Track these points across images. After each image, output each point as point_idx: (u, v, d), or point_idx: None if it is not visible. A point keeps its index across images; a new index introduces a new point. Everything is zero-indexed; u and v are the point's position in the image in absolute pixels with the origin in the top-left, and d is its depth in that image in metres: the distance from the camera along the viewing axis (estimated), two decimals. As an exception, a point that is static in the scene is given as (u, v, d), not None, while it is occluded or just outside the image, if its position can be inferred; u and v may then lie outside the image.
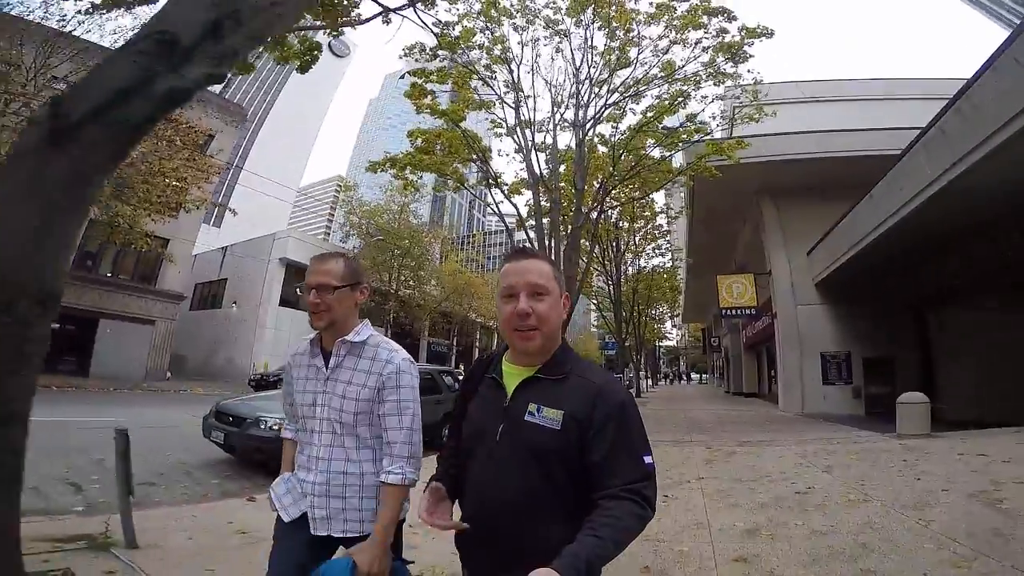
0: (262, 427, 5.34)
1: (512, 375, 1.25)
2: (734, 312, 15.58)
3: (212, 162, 16.78)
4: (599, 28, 11.33)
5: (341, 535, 1.51)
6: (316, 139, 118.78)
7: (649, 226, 22.33)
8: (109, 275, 20.39)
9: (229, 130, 24.17)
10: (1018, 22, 8.03)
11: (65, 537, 3.13)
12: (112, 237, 15.89)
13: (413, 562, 1.56)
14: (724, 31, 10.18)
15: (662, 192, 18.52)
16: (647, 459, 1.12)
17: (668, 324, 49.55)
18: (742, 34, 10.16)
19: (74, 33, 12.63)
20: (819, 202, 14.21)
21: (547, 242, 11.58)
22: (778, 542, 3.38)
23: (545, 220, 12.03)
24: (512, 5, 11.35)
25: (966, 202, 8.59)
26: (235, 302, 27.42)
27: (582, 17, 11.34)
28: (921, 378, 13.56)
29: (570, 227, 11.91)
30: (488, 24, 11.08)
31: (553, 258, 7.96)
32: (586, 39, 11.73)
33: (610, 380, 1.23)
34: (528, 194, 13.16)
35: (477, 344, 44.44)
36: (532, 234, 12.97)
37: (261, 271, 26.74)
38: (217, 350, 26.68)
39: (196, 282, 28.07)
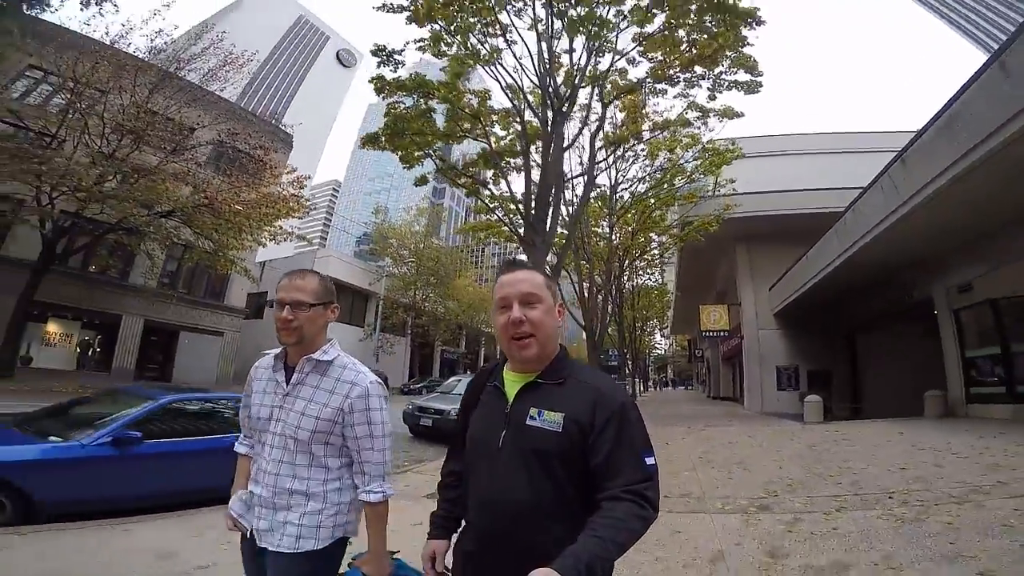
0: (452, 415, 9.11)
1: (513, 382, 1.29)
2: (711, 334, 19.81)
3: (304, 202, 20.47)
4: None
5: (275, 549, 1.48)
6: (323, 149, 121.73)
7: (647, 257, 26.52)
8: (186, 292, 23.96)
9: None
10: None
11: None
12: (215, 264, 19.44)
13: (399, 551, 1.59)
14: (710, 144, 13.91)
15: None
16: (649, 460, 1.14)
17: (657, 335, 53.83)
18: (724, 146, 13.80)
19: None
20: (782, 247, 17.95)
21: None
22: (714, 458, 7.33)
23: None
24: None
25: (858, 269, 12.81)
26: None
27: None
28: (851, 386, 17.92)
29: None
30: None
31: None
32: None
33: (610, 383, 1.26)
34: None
35: (482, 349, 48.33)
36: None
37: (301, 288, 30.40)
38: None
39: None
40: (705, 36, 8.93)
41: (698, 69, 9.71)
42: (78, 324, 21.17)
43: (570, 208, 13.45)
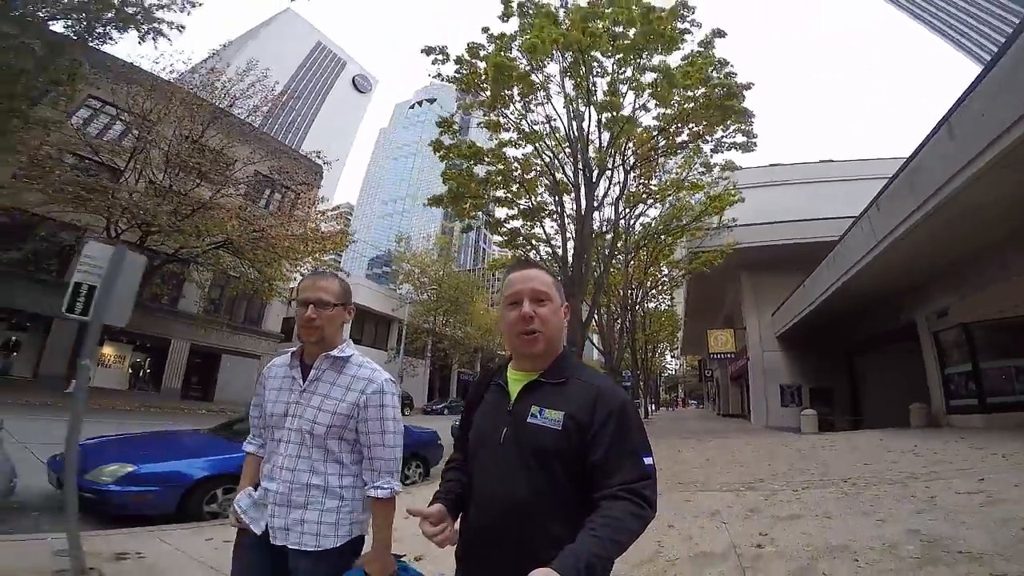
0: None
1: (516, 380, 1.31)
2: (719, 356, 21.15)
3: (349, 237, 22.35)
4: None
5: (296, 547, 1.51)
6: (342, 174, 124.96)
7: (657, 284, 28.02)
8: (229, 318, 25.74)
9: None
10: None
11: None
12: (260, 293, 21.14)
13: (405, 556, 1.62)
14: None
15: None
16: (647, 460, 1.14)
17: (668, 356, 54.88)
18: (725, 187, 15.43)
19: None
20: (782, 274, 19.26)
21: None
22: (717, 460, 8.69)
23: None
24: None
25: (852, 295, 14.19)
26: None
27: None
28: (851, 401, 19.11)
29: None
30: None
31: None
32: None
33: (610, 383, 1.28)
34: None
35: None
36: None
37: (330, 311, 32.18)
38: (294, 378, 31.87)
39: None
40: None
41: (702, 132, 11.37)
42: (131, 347, 22.99)
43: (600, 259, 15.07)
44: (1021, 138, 6.62)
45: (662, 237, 17.23)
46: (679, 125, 11.31)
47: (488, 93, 10.82)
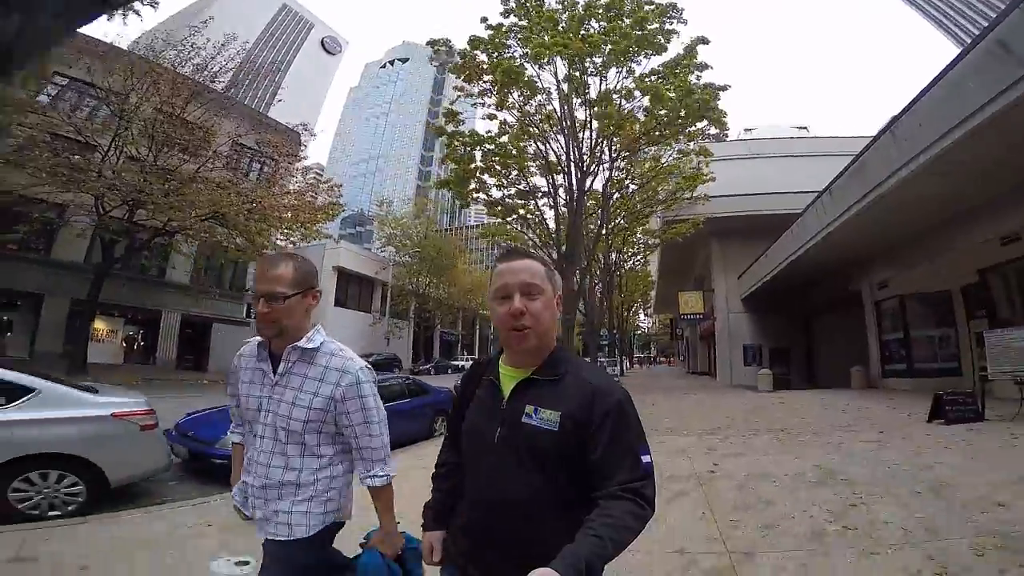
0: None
1: (509, 377, 1.27)
2: (688, 317, 22.90)
3: (340, 207, 22.84)
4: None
5: (271, 536, 1.52)
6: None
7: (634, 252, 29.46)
8: (216, 286, 26.10)
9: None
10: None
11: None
12: (249, 258, 21.21)
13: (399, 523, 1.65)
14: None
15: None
16: (645, 458, 1.13)
17: (642, 315, 57.28)
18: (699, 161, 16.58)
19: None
20: (750, 241, 20.31)
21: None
22: (686, 411, 10.20)
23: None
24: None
25: (809, 264, 15.76)
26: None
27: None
28: (806, 361, 21.17)
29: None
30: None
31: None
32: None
33: (607, 379, 1.24)
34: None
35: (477, 330, 51.29)
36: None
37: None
38: (281, 345, 32.74)
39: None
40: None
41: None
42: (122, 321, 23.39)
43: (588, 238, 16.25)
44: (946, 149, 7.90)
45: (639, 207, 18.40)
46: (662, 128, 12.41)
47: (487, 78, 11.59)
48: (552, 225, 13.12)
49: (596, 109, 11.52)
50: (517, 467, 1.17)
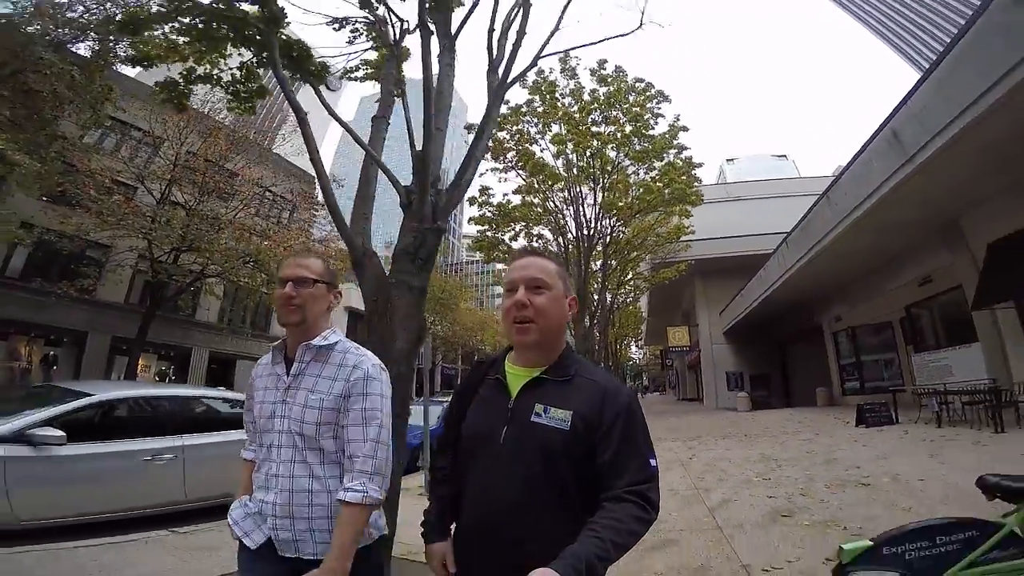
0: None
1: (516, 376, 1.27)
2: (676, 349, 25.33)
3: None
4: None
5: (312, 557, 1.36)
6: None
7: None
8: (241, 326, 28.01)
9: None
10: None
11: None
12: (272, 295, 23.28)
13: None
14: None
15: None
16: (652, 461, 1.14)
17: (633, 347, 59.58)
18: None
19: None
20: (730, 279, 22.62)
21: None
22: (678, 427, 12.42)
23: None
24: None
25: (777, 302, 18.26)
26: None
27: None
28: (783, 384, 23.49)
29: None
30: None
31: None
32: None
33: (615, 381, 1.26)
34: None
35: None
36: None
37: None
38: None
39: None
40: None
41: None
42: (155, 356, 25.23)
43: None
44: (864, 212, 10.26)
45: (630, 254, 20.89)
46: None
47: (511, 155, 14.38)
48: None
49: (602, 198, 14.32)
50: (524, 466, 1.16)
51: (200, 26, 5.31)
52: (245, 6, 5.20)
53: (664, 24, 7.18)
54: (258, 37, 5.20)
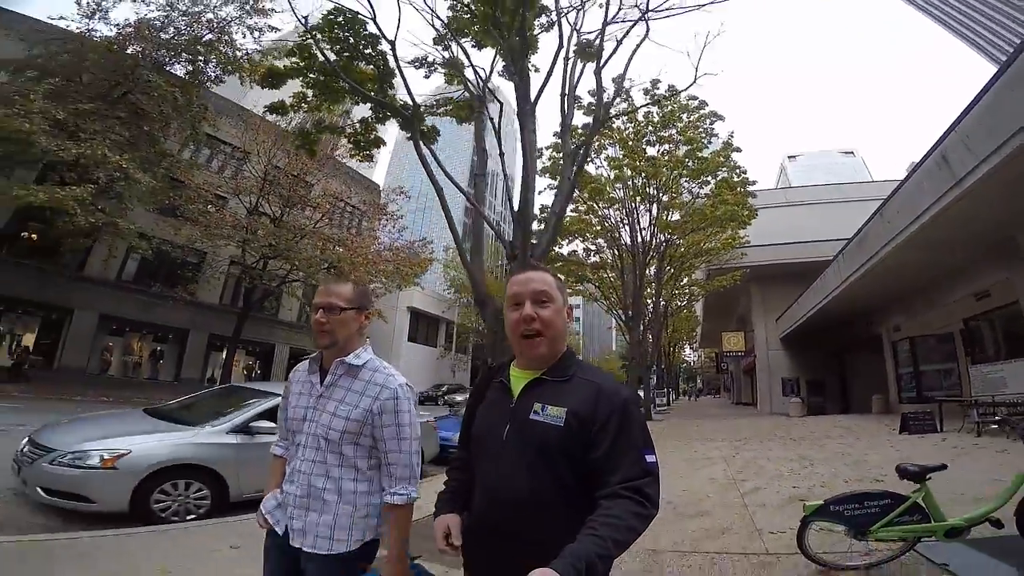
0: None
1: (519, 378, 1.34)
2: (731, 355, 25.53)
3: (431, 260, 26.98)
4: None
5: (310, 549, 1.54)
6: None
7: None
8: (284, 318, 28.70)
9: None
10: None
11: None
12: None
13: (421, 556, 1.64)
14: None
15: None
16: (649, 457, 1.16)
17: (687, 349, 58.99)
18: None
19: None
20: (787, 286, 22.54)
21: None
22: (723, 430, 13.09)
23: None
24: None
25: (835, 311, 18.31)
26: (368, 338, 37.97)
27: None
28: (840, 391, 23.25)
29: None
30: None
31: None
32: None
33: (613, 380, 1.29)
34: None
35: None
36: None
37: (391, 315, 36.74)
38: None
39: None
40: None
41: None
42: (244, 352, 28.04)
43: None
44: (917, 230, 10.57)
45: (685, 263, 21.48)
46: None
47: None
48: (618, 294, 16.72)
49: (657, 214, 15.32)
50: (524, 464, 1.21)
51: (323, 79, 6.92)
52: (362, 65, 6.84)
53: (717, 72, 8.23)
54: (372, 94, 6.65)
